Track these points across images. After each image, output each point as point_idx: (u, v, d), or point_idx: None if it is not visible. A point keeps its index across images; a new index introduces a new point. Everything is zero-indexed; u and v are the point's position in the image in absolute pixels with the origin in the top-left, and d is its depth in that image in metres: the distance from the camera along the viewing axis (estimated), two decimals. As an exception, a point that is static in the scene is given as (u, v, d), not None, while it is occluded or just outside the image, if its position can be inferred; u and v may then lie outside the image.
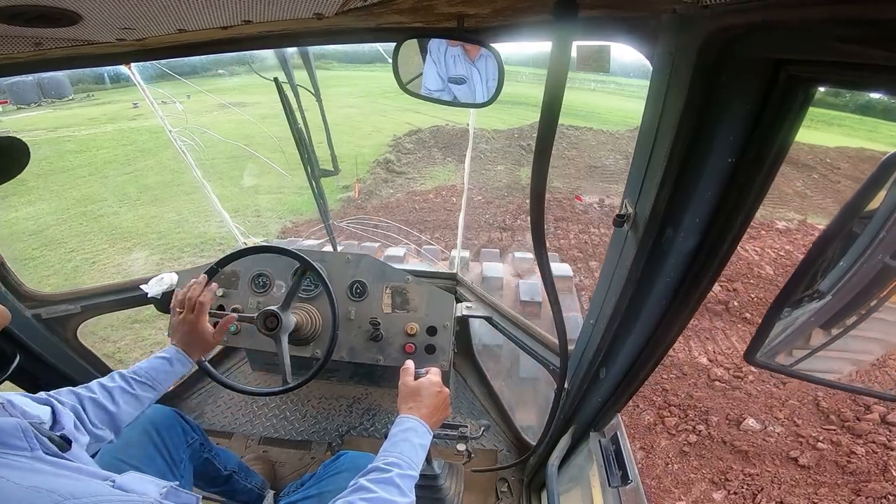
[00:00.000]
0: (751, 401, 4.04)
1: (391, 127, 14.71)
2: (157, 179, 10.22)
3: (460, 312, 1.90)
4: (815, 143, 13.42)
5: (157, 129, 14.55)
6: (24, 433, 0.69)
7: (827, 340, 0.62)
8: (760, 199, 0.61)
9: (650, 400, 4.07)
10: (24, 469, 0.65)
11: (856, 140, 15.13)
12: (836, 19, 0.41)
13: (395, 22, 0.95)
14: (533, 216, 0.75)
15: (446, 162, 11.84)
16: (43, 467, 0.68)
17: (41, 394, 0.96)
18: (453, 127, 13.78)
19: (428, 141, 13.21)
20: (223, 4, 0.69)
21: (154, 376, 1.21)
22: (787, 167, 10.99)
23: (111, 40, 0.93)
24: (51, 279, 6.16)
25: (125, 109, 17.84)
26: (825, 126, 17.68)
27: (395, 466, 0.95)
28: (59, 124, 15.29)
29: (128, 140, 13.47)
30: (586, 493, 1.28)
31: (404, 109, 17.49)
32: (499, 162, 11.89)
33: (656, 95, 0.72)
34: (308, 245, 3.56)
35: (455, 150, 12.42)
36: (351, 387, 2.45)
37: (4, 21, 0.62)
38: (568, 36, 0.55)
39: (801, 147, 12.65)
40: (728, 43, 0.56)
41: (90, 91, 21.61)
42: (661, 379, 4.20)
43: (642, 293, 0.89)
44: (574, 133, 14.58)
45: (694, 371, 4.35)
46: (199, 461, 1.54)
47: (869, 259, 0.50)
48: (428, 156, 12.30)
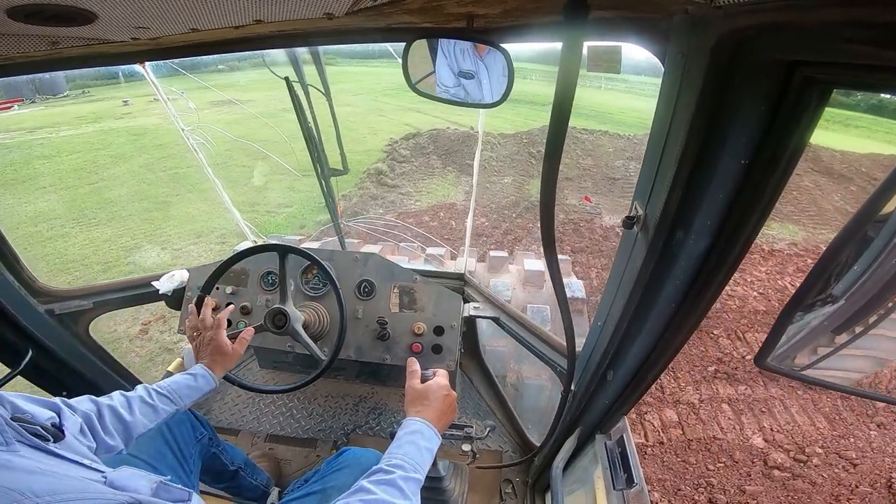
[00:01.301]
0: (815, 491, 3.33)
1: (389, 129, 13.62)
2: (120, 193, 9.16)
3: (468, 313, 1.90)
4: (843, 148, 12.53)
5: (139, 130, 13.08)
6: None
7: (839, 345, 0.61)
8: (774, 201, 0.60)
9: (691, 500, 3.25)
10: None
11: (879, 144, 14.61)
12: (850, 21, 0.41)
13: (404, 22, 0.95)
14: (543, 219, 0.74)
15: (446, 172, 10.46)
16: (20, 462, 0.64)
17: (57, 399, 0.95)
18: (455, 131, 12.66)
19: (427, 147, 11.83)
20: (235, 4, 0.69)
21: (176, 389, 1.21)
22: (822, 178, 10.27)
23: (126, 39, 0.94)
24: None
25: (115, 107, 17.55)
26: (842, 127, 17.17)
27: (399, 468, 0.94)
28: (42, 123, 14.77)
29: (103, 143, 12.64)
30: (590, 496, 1.27)
31: (405, 109, 16.68)
32: (506, 173, 10.41)
33: (668, 96, 0.72)
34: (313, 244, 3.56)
35: (456, 157, 11.07)
36: (357, 385, 2.46)
37: (21, 20, 0.63)
38: (579, 37, 0.55)
39: (833, 155, 12.01)
40: (741, 44, 0.55)
41: (87, 87, 21.65)
42: (707, 471, 3.45)
43: (651, 295, 0.88)
44: (588, 137, 13.16)
45: (747, 457, 3.57)
46: (206, 456, 1.55)
47: (884, 263, 0.50)
48: (426, 164, 10.89)
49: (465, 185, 9.45)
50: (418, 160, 11.10)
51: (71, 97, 20.58)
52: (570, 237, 7.01)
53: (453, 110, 14.76)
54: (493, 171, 10.51)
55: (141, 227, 7.58)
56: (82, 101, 20.00)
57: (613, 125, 15.00)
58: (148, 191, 9.24)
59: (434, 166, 10.79)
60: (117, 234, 7.28)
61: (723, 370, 4.26)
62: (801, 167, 10.79)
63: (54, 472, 0.67)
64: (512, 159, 11.22)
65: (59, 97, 20.26)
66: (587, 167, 10.96)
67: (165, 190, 9.23)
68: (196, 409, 2.31)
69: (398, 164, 10.67)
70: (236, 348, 1.41)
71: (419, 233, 5.46)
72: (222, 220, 7.55)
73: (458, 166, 10.67)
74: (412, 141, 12.19)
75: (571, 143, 12.27)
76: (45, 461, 0.69)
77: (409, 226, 5.19)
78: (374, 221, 4.67)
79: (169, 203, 8.58)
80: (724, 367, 4.30)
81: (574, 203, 8.49)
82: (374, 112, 16.45)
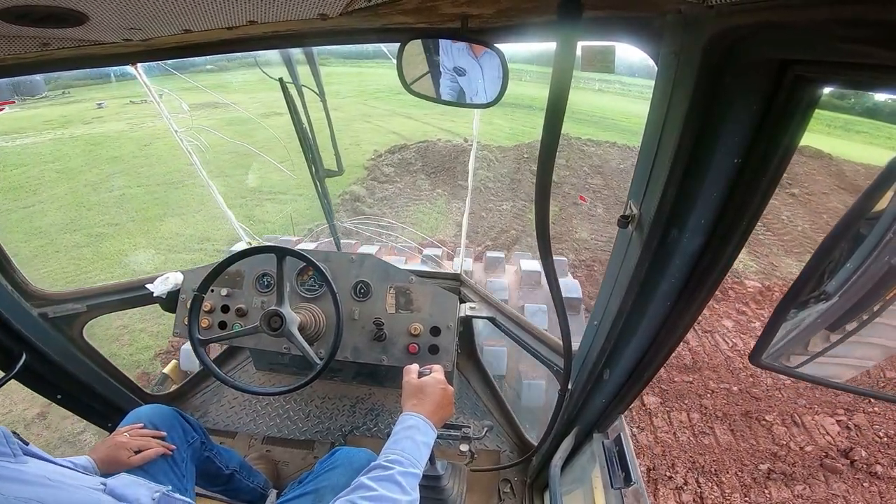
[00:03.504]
0: None
1: (374, 138, 12.23)
2: (54, 220, 7.83)
3: (464, 313, 1.90)
4: (852, 157, 11.68)
5: (98, 139, 12.01)
6: (6, 439, 0.68)
7: (834, 342, 0.62)
8: (767, 199, 0.61)
9: None
10: (9, 479, 0.63)
11: (885, 150, 14.20)
12: (841, 19, 0.41)
13: (399, 22, 0.95)
14: (538, 219, 0.74)
15: (435, 197, 8.77)
16: (28, 475, 0.66)
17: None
18: (446, 144, 11.13)
19: (413, 163, 10.24)
20: (228, 5, 0.69)
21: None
22: (843, 195, 9.41)
23: (118, 41, 0.93)
24: None
25: (87, 111, 16.42)
26: (845, 133, 16.48)
27: (398, 464, 0.95)
28: (6, 129, 13.64)
29: (54, 155, 11.39)
30: (588, 495, 1.27)
31: (394, 114, 15.56)
32: (504, 196, 8.77)
33: (661, 95, 0.72)
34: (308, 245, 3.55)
35: (447, 177, 9.54)
36: (354, 387, 2.45)
37: (12, 21, 0.62)
38: (573, 36, 0.55)
39: (857, 170, 10.92)
40: (733, 43, 0.56)
41: (70, 87, 20.64)
42: None
43: (647, 294, 0.88)
44: (595, 151, 11.74)
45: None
46: (200, 460, 1.54)
47: (876, 260, 0.50)
48: (412, 185, 9.31)
49: (457, 215, 8.13)
50: (403, 179, 9.59)
51: (49, 98, 19.48)
52: (585, 288, 5.36)
53: (444, 116, 14.51)
54: (489, 194, 8.87)
55: (65, 268, 6.29)
56: (60, 102, 18.98)
57: (620, 134, 13.76)
58: (85, 218, 7.92)
59: (422, 188, 9.22)
60: (33, 280, 6.01)
61: (778, 468, 3.45)
62: (826, 184, 10.06)
63: (61, 482, 0.68)
64: (511, 178, 9.72)
65: (38, 98, 19.16)
66: (597, 188, 9.61)
67: (104, 218, 7.95)
68: (191, 412, 2.31)
69: (380, 184, 9.16)
70: (133, 460, 1.27)
71: (415, 233, 5.37)
72: (160, 259, 6.46)
73: (449, 188, 9.04)
74: (397, 155, 10.73)
75: (577, 158, 11.18)
76: (50, 471, 0.70)
77: (405, 226, 5.04)
78: (369, 222, 4.64)
79: (103, 237, 7.22)
80: (779, 463, 3.50)
81: (586, 237, 7.31)
82: (361, 118, 15.21)
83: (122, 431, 1.35)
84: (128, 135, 13.06)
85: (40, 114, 16.32)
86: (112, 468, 1.24)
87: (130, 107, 16.42)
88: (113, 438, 1.30)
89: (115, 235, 7.31)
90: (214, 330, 1.89)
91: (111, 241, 7.11)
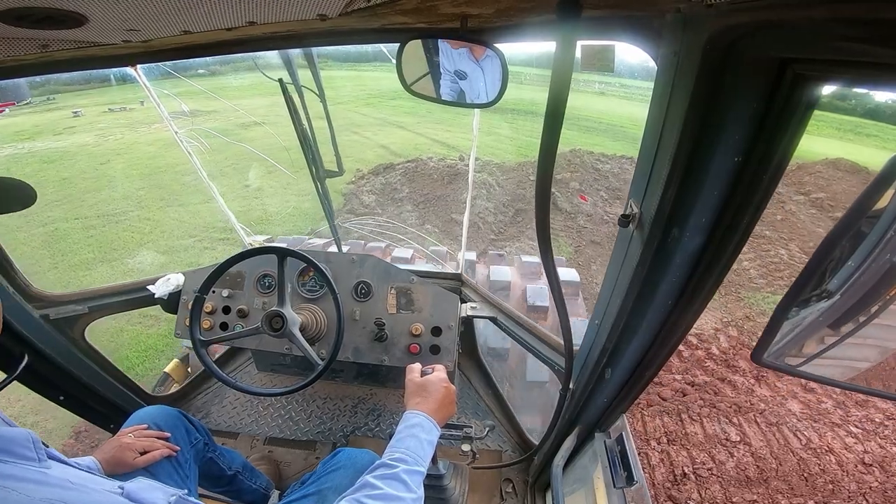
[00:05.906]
0: None
1: (359, 154, 10.81)
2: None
3: (465, 313, 1.90)
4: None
5: (55, 155, 11.14)
6: (33, 444, 0.70)
7: (835, 340, 0.62)
8: (768, 197, 0.61)
9: None
10: (35, 481, 0.65)
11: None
12: (840, 18, 0.41)
13: (398, 22, 0.95)
14: (538, 217, 0.74)
15: (421, 237, 6.83)
16: (52, 478, 0.68)
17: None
18: (438, 162, 9.46)
19: (399, 189, 8.52)
20: (227, 6, 0.69)
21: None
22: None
23: (117, 42, 0.93)
24: None
25: (62, 120, 15.36)
26: (855, 136, 15.98)
27: (402, 462, 0.95)
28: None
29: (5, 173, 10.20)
30: (591, 494, 1.27)
31: (385, 123, 14.41)
32: (509, 234, 7.07)
33: (661, 95, 0.72)
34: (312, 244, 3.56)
35: (438, 208, 7.75)
36: (356, 387, 2.45)
37: (11, 23, 0.62)
38: (572, 36, 0.55)
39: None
40: (733, 42, 0.55)
41: (56, 93, 19.65)
42: None
43: (648, 293, 0.88)
44: (610, 168, 10.07)
45: None
46: (203, 461, 1.54)
47: (877, 258, 0.50)
48: (395, 218, 7.12)
49: (449, 263, 6.26)
50: (387, 209, 7.89)
51: (33, 105, 18.38)
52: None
53: (439, 125, 14.10)
54: (488, 232, 6.91)
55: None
56: (41, 109, 17.74)
57: (632, 144, 12.08)
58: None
59: (407, 220, 7.37)
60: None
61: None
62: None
63: (83, 485, 0.70)
64: (515, 210, 7.99)
65: (22, 104, 17.85)
66: (617, 218, 8.22)
67: (25, 264, 5.50)
68: (194, 413, 2.31)
69: (357, 217, 7.16)
70: (138, 462, 1.28)
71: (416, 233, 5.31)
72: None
73: (441, 223, 7.16)
74: (381, 178, 9.14)
75: (592, 178, 9.57)
76: (71, 475, 0.72)
77: (405, 226, 4.91)
78: (369, 222, 4.63)
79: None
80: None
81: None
82: (350, 128, 13.85)
83: (126, 432, 1.36)
84: (90, 149, 12.08)
85: (13, 122, 15.37)
86: (117, 469, 1.25)
87: (107, 115, 15.36)
88: (118, 439, 1.31)
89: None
90: (216, 331, 1.89)
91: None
